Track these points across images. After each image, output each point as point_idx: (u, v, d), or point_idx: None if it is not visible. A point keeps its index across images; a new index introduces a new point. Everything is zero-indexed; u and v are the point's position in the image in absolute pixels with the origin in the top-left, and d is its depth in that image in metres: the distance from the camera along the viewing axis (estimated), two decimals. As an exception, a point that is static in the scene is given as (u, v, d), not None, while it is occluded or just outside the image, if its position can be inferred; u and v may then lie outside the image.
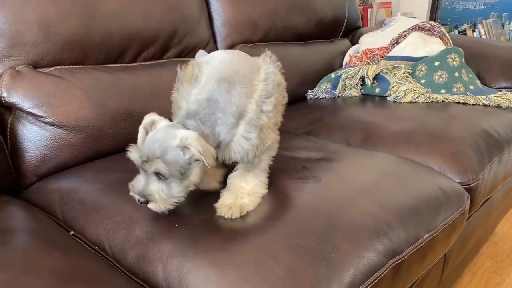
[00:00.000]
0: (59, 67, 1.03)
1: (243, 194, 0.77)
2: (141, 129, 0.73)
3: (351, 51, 1.83)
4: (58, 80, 1.00)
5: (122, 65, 1.15)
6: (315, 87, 1.67)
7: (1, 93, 0.94)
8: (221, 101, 0.72)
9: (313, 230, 0.69)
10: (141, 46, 1.18)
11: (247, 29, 1.52)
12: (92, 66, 1.09)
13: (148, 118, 0.72)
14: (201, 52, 1.01)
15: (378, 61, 1.66)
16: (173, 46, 1.27)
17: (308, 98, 1.64)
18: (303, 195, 0.79)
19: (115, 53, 1.13)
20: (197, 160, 0.68)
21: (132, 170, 0.72)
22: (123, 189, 0.75)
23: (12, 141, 0.96)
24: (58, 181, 0.95)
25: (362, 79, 1.59)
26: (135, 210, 0.78)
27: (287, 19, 1.64)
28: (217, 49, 1.47)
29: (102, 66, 1.11)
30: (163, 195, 0.68)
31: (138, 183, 0.70)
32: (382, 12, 3.37)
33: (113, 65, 1.14)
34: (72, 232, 0.81)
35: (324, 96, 1.61)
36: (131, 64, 1.17)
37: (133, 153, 0.69)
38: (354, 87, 1.58)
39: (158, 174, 0.68)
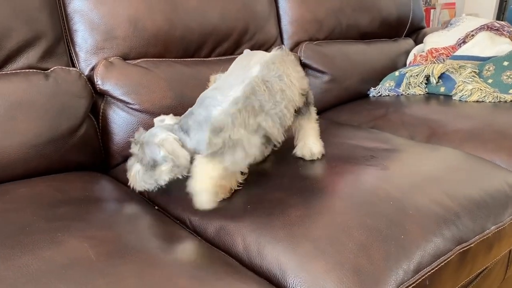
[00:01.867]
0: (144, 59, 1.13)
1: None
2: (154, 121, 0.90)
3: (416, 50, 1.83)
4: (144, 71, 1.10)
5: (199, 59, 1.24)
6: (378, 84, 1.69)
7: (96, 81, 1.05)
8: (196, 112, 0.82)
9: (383, 212, 0.73)
10: (217, 41, 1.26)
11: (313, 27, 1.57)
12: (172, 59, 1.18)
13: (162, 116, 0.90)
14: (245, 51, 1.06)
15: (444, 60, 1.65)
16: (244, 42, 1.34)
17: (371, 95, 1.67)
18: (373, 180, 0.83)
19: (193, 47, 1.22)
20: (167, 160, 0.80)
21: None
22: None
23: (103, 124, 1.07)
24: (142, 162, 1.05)
25: (427, 78, 1.59)
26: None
27: (352, 17, 1.68)
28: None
29: (181, 59, 1.20)
30: (137, 176, 0.85)
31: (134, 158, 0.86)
32: (445, 13, 3.29)
33: (191, 59, 1.23)
34: (156, 207, 0.90)
35: (387, 94, 1.63)
36: (207, 59, 1.26)
37: (136, 134, 0.85)
38: (419, 86, 1.59)
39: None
